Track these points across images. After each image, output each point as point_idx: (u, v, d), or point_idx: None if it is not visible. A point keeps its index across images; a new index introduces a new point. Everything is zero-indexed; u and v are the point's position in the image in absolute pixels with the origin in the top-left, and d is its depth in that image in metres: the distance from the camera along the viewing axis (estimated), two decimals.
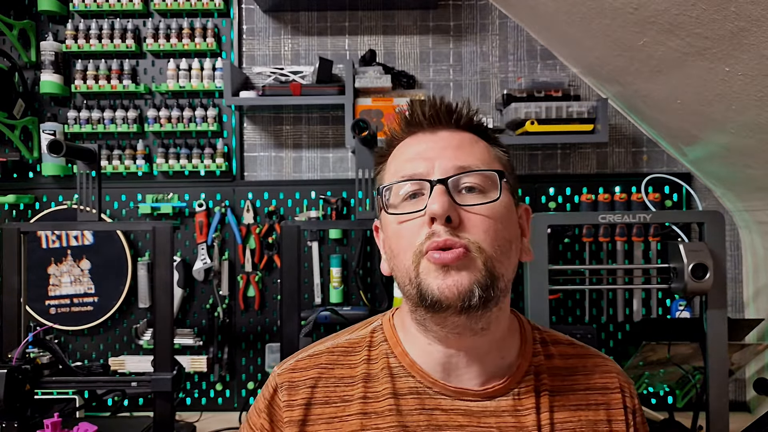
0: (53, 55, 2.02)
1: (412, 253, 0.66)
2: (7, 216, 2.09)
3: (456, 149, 0.69)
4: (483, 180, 0.68)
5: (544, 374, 0.73)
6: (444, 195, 0.64)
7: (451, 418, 0.69)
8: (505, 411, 0.70)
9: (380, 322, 0.78)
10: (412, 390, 0.70)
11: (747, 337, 1.78)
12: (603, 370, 0.77)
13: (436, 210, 0.63)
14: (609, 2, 1.38)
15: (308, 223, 1.96)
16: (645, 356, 1.68)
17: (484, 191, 0.67)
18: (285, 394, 0.73)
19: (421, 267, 0.65)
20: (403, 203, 0.69)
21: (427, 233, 0.65)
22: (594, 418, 0.72)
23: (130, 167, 2.06)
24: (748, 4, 1.05)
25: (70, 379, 1.55)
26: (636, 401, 0.77)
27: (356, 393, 0.71)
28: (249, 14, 2.11)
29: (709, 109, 1.51)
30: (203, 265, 2.04)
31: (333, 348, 0.76)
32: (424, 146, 0.70)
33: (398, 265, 0.68)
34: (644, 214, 1.48)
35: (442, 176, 0.66)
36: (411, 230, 0.66)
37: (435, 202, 0.64)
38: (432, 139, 0.71)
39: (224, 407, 2.06)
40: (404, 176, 0.69)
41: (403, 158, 0.71)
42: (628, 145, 2.08)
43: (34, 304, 2.04)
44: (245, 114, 2.11)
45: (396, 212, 0.68)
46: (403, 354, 0.73)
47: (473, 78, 2.10)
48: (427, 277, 0.64)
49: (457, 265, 0.63)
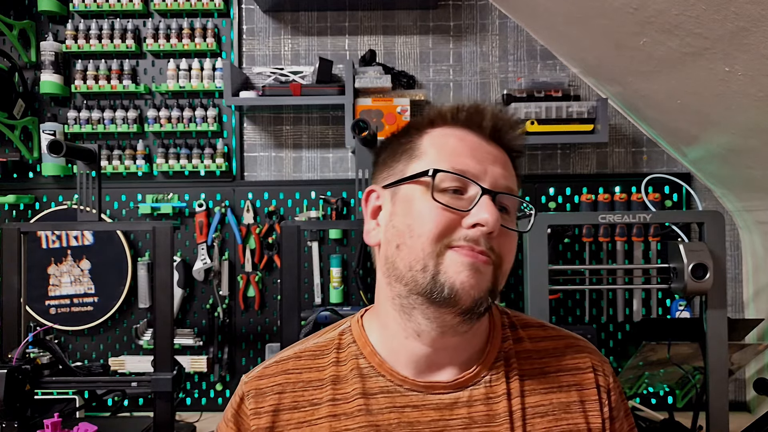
0: (53, 55, 2.02)
1: (436, 242, 0.65)
2: (7, 216, 2.09)
3: (503, 167, 0.69)
4: (514, 205, 0.70)
5: (513, 359, 0.73)
6: (496, 209, 0.65)
7: (423, 413, 0.69)
8: (477, 400, 0.70)
9: (348, 324, 0.78)
10: (383, 389, 0.70)
11: (747, 337, 1.77)
12: (575, 350, 0.76)
13: (489, 222, 0.64)
14: (609, 2, 1.38)
15: (308, 223, 1.96)
16: (645, 356, 1.68)
17: (510, 214, 0.70)
18: (252, 401, 0.73)
19: (447, 258, 0.64)
20: (443, 194, 0.67)
21: (464, 235, 0.65)
22: (566, 400, 0.72)
23: (130, 167, 2.06)
24: (748, 4, 1.05)
25: (70, 379, 1.55)
26: (611, 380, 0.76)
27: (325, 396, 0.71)
28: (249, 14, 2.11)
29: (709, 109, 1.51)
30: (203, 265, 2.04)
31: (300, 353, 0.76)
32: (475, 147, 0.69)
33: (412, 246, 0.66)
34: (644, 214, 1.48)
35: (493, 188, 0.67)
36: (447, 222, 0.65)
37: (489, 213, 0.64)
38: (483, 146, 0.70)
39: (224, 407, 2.05)
40: (458, 168, 0.67)
41: (454, 150, 0.69)
42: (628, 145, 2.08)
43: (34, 304, 2.04)
44: (245, 114, 2.11)
45: (442, 202, 0.66)
46: (372, 354, 0.72)
47: (473, 78, 2.10)
48: (451, 270, 0.64)
49: (484, 269, 0.65)
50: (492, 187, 0.67)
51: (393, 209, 0.70)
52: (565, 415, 0.71)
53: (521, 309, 0.82)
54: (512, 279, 2.05)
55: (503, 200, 0.68)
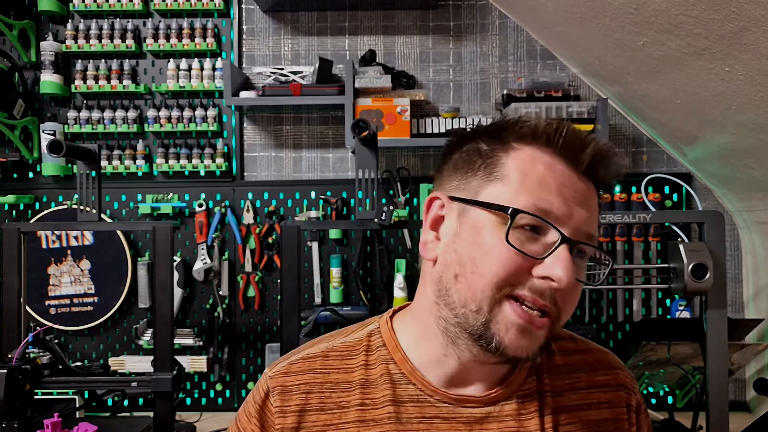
0: (53, 55, 2.02)
1: (498, 288, 0.60)
2: (7, 216, 2.09)
3: (589, 210, 0.62)
4: (590, 252, 0.64)
5: (545, 374, 0.72)
6: (572, 263, 0.59)
7: (452, 426, 0.67)
8: (508, 416, 0.68)
9: (377, 325, 0.74)
10: (413, 398, 0.68)
11: (747, 337, 1.77)
12: (604, 365, 0.75)
13: (563, 280, 0.58)
14: (609, 2, 1.38)
15: (308, 223, 1.96)
16: (645, 356, 1.68)
17: (584, 260, 0.64)
18: (277, 399, 0.70)
19: (503, 309, 0.60)
20: (517, 231, 0.60)
21: (531, 285, 0.60)
22: (597, 417, 0.71)
23: (130, 167, 2.06)
24: (748, 4, 1.05)
25: (70, 379, 1.55)
26: (639, 398, 0.75)
27: (353, 399, 0.69)
28: (249, 14, 2.11)
29: (709, 109, 1.51)
30: (203, 265, 2.04)
31: (328, 351, 0.73)
32: (565, 182, 0.61)
33: (472, 283, 0.61)
34: (644, 214, 1.48)
35: (575, 236, 0.60)
36: (515, 267, 0.59)
37: (564, 269, 0.58)
38: (574, 182, 0.62)
39: (224, 407, 2.06)
40: (541, 209, 0.60)
41: (542, 182, 0.61)
42: (628, 145, 2.07)
43: (34, 304, 2.03)
44: (245, 114, 2.11)
45: (516, 246, 0.59)
46: (403, 360, 0.70)
47: (473, 78, 2.10)
48: (502, 325, 0.60)
49: (536, 333, 0.61)
50: (574, 234, 0.60)
51: (458, 230, 0.64)
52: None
53: None
54: None
55: (581, 247, 0.62)
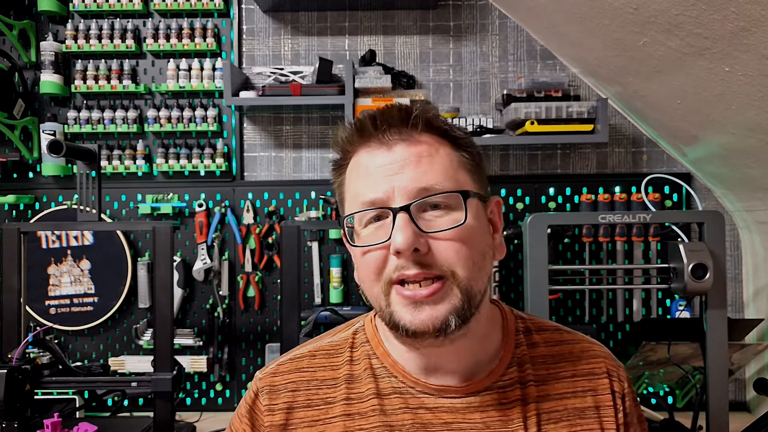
0: (53, 55, 2.02)
1: (382, 283, 0.64)
2: (7, 216, 2.09)
3: (415, 166, 0.64)
4: (447, 197, 0.64)
5: (527, 364, 0.73)
6: (408, 226, 0.61)
7: (436, 416, 0.69)
8: (489, 405, 0.69)
9: (362, 323, 0.78)
10: (396, 390, 0.70)
11: (747, 337, 1.77)
12: (590, 354, 0.76)
13: (400, 245, 0.60)
14: (609, 2, 1.38)
15: (308, 223, 1.96)
16: (645, 356, 1.68)
17: (450, 207, 0.64)
18: (266, 398, 0.73)
19: (392, 297, 0.64)
20: (367, 228, 0.66)
21: (396, 264, 0.62)
22: (581, 405, 0.72)
23: (130, 167, 2.06)
24: (748, 4, 1.06)
25: (70, 379, 1.55)
26: (625, 385, 0.75)
27: (339, 395, 0.71)
28: (249, 14, 2.11)
29: (709, 109, 1.51)
30: (203, 265, 2.04)
31: (315, 351, 0.76)
32: (380, 163, 0.65)
33: (368, 293, 0.68)
34: (644, 214, 1.48)
35: (404, 201, 0.62)
36: (377, 261, 0.64)
37: (399, 234, 0.61)
38: (388, 156, 0.65)
39: (224, 407, 2.06)
40: (364, 203, 0.65)
41: (361, 180, 0.66)
42: (628, 145, 2.08)
43: (34, 304, 2.03)
44: (245, 114, 2.11)
45: (361, 245, 0.65)
46: (384, 354, 0.73)
47: (473, 78, 2.10)
48: (398, 309, 0.63)
49: (433, 298, 0.62)
50: (405, 198, 0.62)
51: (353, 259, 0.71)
52: (579, 420, 0.71)
53: (521, 309, 0.81)
54: (512, 279, 2.06)
55: (424, 202, 0.63)
